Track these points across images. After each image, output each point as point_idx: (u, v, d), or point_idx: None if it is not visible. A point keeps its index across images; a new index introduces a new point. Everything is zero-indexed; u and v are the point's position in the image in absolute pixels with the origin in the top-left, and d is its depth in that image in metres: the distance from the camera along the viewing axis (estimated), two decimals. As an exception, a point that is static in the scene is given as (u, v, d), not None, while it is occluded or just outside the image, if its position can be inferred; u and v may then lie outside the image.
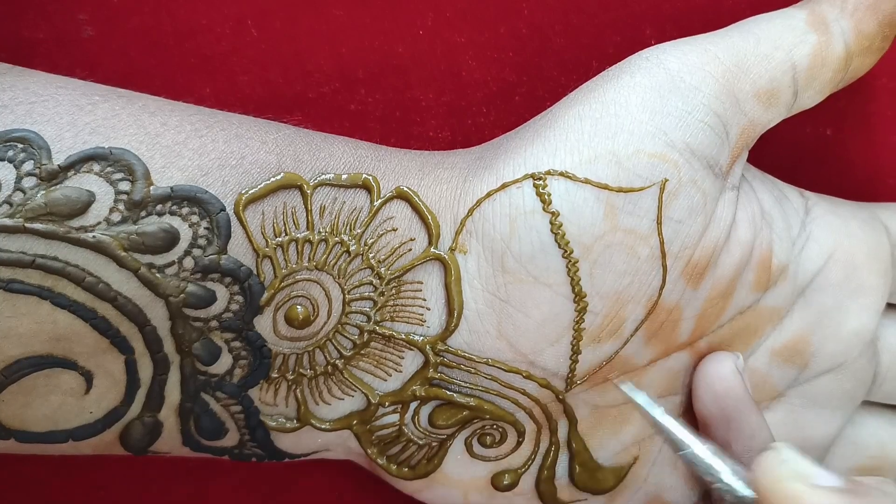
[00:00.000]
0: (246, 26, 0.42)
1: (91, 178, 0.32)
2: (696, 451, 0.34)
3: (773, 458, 0.32)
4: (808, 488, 0.31)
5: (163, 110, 0.35)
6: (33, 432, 0.34)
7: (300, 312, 0.35)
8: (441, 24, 0.42)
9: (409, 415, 0.37)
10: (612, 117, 0.35)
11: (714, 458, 0.34)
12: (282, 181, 0.35)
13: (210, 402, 0.36)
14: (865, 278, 0.41)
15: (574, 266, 0.35)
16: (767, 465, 0.32)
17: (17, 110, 0.33)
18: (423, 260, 0.36)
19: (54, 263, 0.32)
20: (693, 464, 0.34)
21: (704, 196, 0.36)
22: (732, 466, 0.34)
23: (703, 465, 0.34)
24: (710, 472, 0.34)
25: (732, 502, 0.33)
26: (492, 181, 0.36)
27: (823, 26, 0.38)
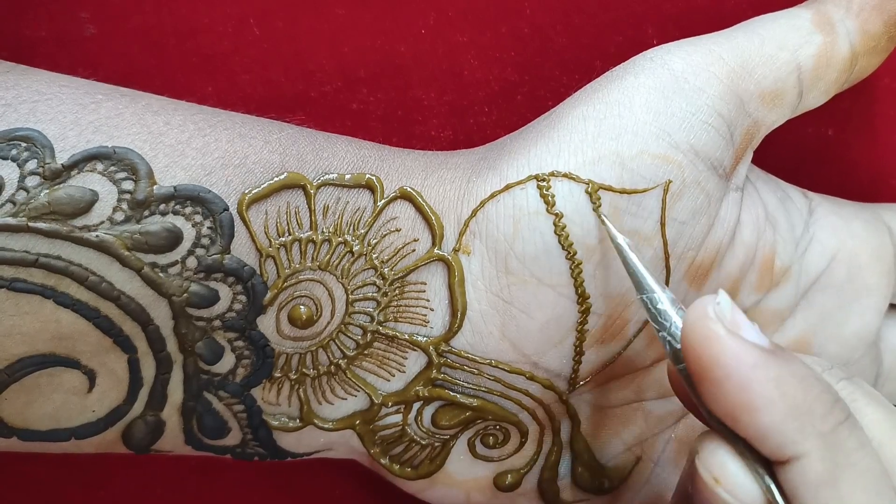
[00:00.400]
0: (248, 25, 0.42)
1: (94, 177, 0.32)
2: (656, 296, 0.33)
3: (707, 299, 0.31)
4: (727, 333, 0.30)
5: (166, 109, 0.35)
6: (36, 430, 0.34)
7: (303, 312, 0.35)
8: (443, 24, 0.42)
9: (413, 415, 0.37)
10: (615, 118, 0.35)
11: (669, 306, 0.33)
12: (285, 181, 0.34)
13: (213, 402, 0.36)
14: (868, 279, 0.41)
15: (577, 268, 0.35)
16: (698, 305, 0.31)
17: (20, 109, 0.33)
18: (427, 261, 0.36)
19: (57, 262, 0.32)
20: (647, 309, 0.33)
21: (708, 197, 0.36)
22: None
23: (655, 311, 0.33)
24: (658, 320, 0.33)
25: (671, 353, 0.33)
26: (495, 182, 0.36)
27: (829, 26, 0.37)
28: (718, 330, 0.30)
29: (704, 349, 0.30)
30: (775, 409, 0.29)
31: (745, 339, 0.30)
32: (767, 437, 0.29)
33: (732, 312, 0.31)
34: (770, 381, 0.30)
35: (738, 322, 0.31)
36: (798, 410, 0.29)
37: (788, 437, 0.29)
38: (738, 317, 0.31)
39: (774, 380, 0.30)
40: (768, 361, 0.30)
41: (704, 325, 0.30)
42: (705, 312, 0.30)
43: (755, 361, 0.30)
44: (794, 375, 0.30)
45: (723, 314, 0.30)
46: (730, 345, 0.30)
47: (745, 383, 0.30)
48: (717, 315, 0.30)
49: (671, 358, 0.33)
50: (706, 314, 0.30)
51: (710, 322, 0.30)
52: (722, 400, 0.30)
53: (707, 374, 0.30)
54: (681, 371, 0.32)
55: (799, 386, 0.30)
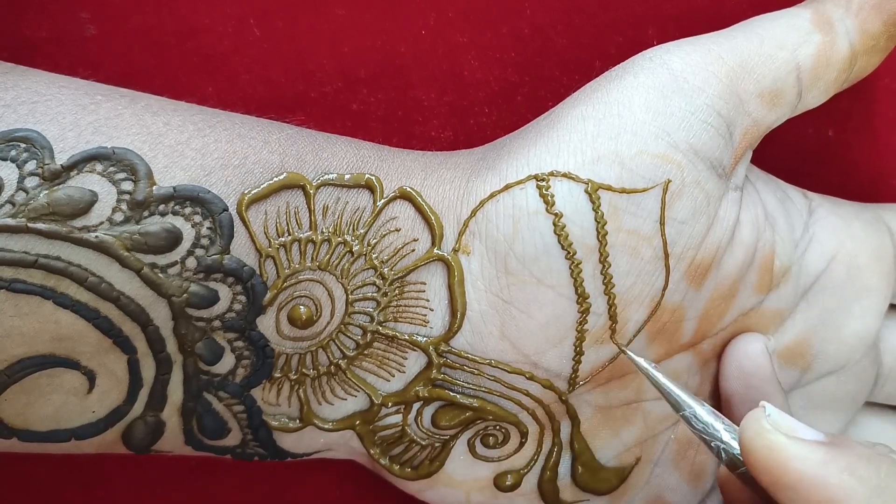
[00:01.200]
0: (248, 26, 0.42)
1: (94, 177, 0.32)
2: (696, 411, 0.35)
3: (757, 414, 0.32)
4: (788, 440, 0.31)
5: (165, 110, 0.35)
6: (36, 431, 0.34)
7: (303, 312, 0.35)
8: (443, 24, 0.42)
9: (412, 415, 0.37)
10: (615, 118, 0.35)
11: (712, 418, 0.35)
12: (285, 181, 0.34)
13: (213, 402, 0.36)
14: (868, 280, 0.41)
15: (577, 267, 0.35)
16: (752, 419, 0.32)
17: (19, 110, 0.33)
18: (427, 261, 0.36)
19: (57, 263, 0.32)
20: (692, 424, 0.35)
21: (708, 197, 0.36)
22: (728, 426, 0.34)
23: (702, 424, 0.34)
24: (707, 432, 0.34)
25: (727, 460, 0.34)
26: (495, 182, 0.36)
27: (828, 26, 0.37)
28: (779, 439, 0.31)
29: (771, 460, 0.31)
30: (857, 496, 0.30)
31: (805, 440, 0.31)
32: None
33: (783, 418, 0.32)
34: (843, 471, 0.31)
35: (793, 426, 0.32)
36: (878, 489, 0.30)
37: None
38: (790, 421, 0.32)
39: (846, 469, 0.31)
40: (834, 454, 0.31)
41: (764, 438, 0.32)
42: (762, 426, 0.32)
43: (823, 458, 0.31)
44: (861, 458, 0.31)
45: (777, 423, 0.32)
46: (794, 450, 0.31)
47: (822, 481, 0.31)
48: (773, 426, 0.32)
49: (727, 465, 0.34)
50: (763, 427, 0.32)
51: (769, 434, 0.32)
52: (801, 501, 0.31)
53: (780, 481, 0.31)
54: (742, 475, 0.34)
55: (869, 467, 0.31)
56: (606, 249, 0.35)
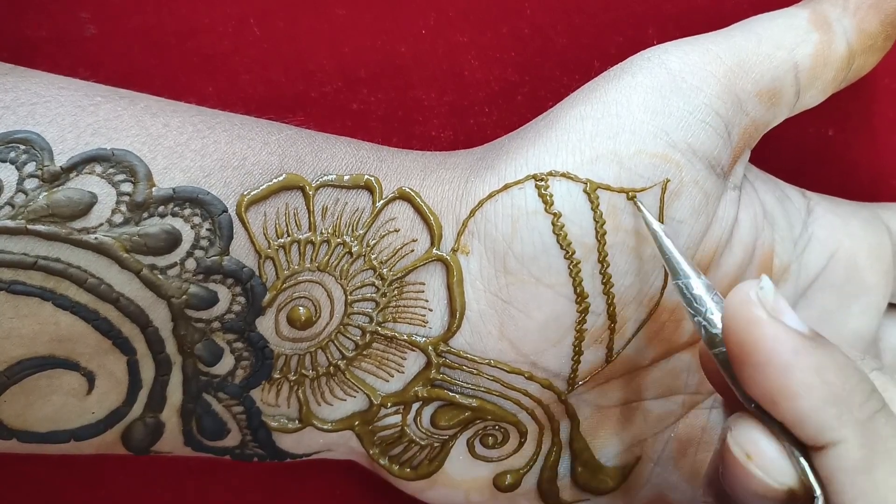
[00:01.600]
0: (248, 25, 0.42)
1: (93, 179, 0.32)
2: (691, 282, 0.34)
3: (750, 283, 0.31)
4: (769, 318, 0.30)
5: (165, 111, 0.35)
6: (35, 432, 0.34)
7: (302, 313, 0.35)
8: (443, 24, 0.42)
9: (412, 415, 0.37)
10: (613, 117, 0.35)
11: (704, 292, 0.33)
12: (284, 182, 0.35)
13: (212, 403, 0.36)
14: (867, 278, 0.41)
15: (576, 267, 0.35)
16: (741, 289, 0.31)
17: (19, 111, 0.33)
18: (426, 261, 0.36)
19: (56, 265, 0.32)
20: (682, 294, 0.34)
21: (706, 196, 0.36)
22: (719, 302, 0.33)
23: (690, 296, 0.33)
24: (694, 305, 0.33)
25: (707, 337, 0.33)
26: (494, 182, 0.36)
27: (826, 25, 0.37)
28: (761, 314, 0.30)
29: (746, 333, 0.30)
30: (815, 396, 0.30)
31: (786, 325, 0.31)
32: (805, 422, 0.30)
33: (775, 298, 0.31)
34: (810, 367, 0.30)
35: (780, 308, 0.31)
36: (837, 398, 0.30)
37: (826, 423, 0.30)
38: (780, 303, 0.31)
39: (815, 367, 0.30)
40: (809, 348, 0.30)
41: (747, 309, 0.31)
42: (748, 296, 0.31)
43: (796, 347, 0.30)
44: (834, 363, 0.30)
45: (765, 299, 0.31)
46: (772, 330, 0.30)
47: (786, 368, 0.30)
48: (759, 299, 0.31)
49: (706, 342, 0.33)
50: (749, 298, 0.31)
51: (753, 306, 0.31)
52: (762, 384, 0.30)
53: (748, 357, 0.30)
54: (717, 355, 0.32)
55: (838, 373, 0.30)
56: (605, 249, 0.35)
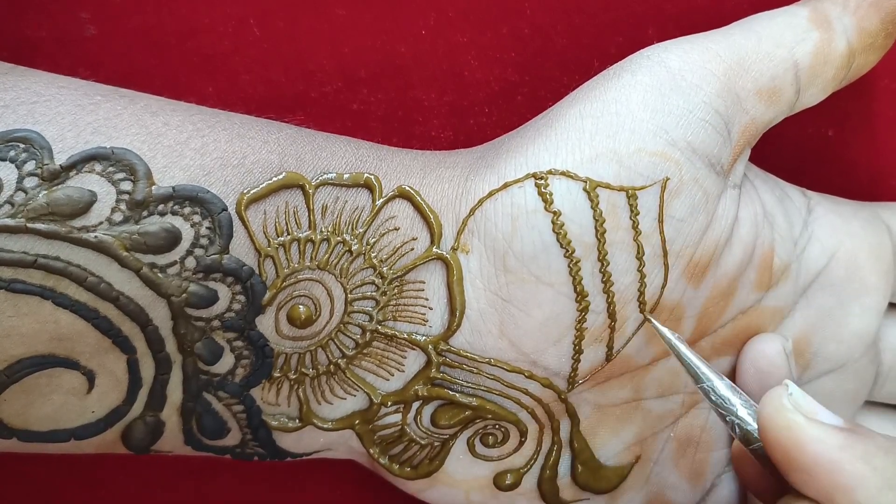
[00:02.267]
0: (248, 25, 0.42)
1: (93, 177, 0.33)
2: (714, 384, 0.35)
3: (779, 391, 0.32)
4: (806, 420, 0.31)
5: (164, 110, 0.35)
6: (35, 431, 0.34)
7: (302, 312, 0.35)
8: (443, 24, 0.42)
9: (412, 414, 0.37)
10: (613, 116, 0.35)
11: (730, 392, 0.35)
12: (284, 180, 0.35)
13: (212, 402, 0.36)
14: (867, 278, 0.41)
15: (576, 266, 0.35)
16: (773, 397, 0.32)
17: (18, 110, 0.33)
18: (426, 259, 0.36)
19: (56, 263, 0.32)
20: (710, 397, 0.35)
21: (706, 194, 0.36)
22: (745, 402, 0.35)
23: (719, 398, 0.35)
24: (724, 406, 0.35)
25: (741, 435, 0.34)
26: (493, 180, 0.36)
27: (826, 24, 0.37)
28: (798, 419, 0.32)
29: (788, 439, 0.32)
30: (870, 485, 0.30)
31: (825, 424, 0.32)
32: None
33: (805, 399, 0.32)
34: (858, 458, 0.31)
35: (814, 408, 0.32)
36: (893, 481, 0.31)
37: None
38: (811, 403, 0.32)
39: (862, 457, 0.31)
40: (852, 441, 0.31)
41: (783, 416, 0.32)
42: (782, 404, 0.32)
43: (841, 443, 0.31)
44: (879, 448, 0.31)
45: (798, 403, 0.32)
46: (812, 432, 0.31)
47: (836, 465, 0.31)
48: (793, 405, 0.32)
49: (742, 440, 0.34)
50: (783, 405, 0.32)
51: (789, 413, 0.32)
52: (814, 484, 0.31)
53: (795, 461, 0.31)
54: (756, 450, 0.34)
55: (886, 458, 0.31)
56: (605, 247, 0.35)
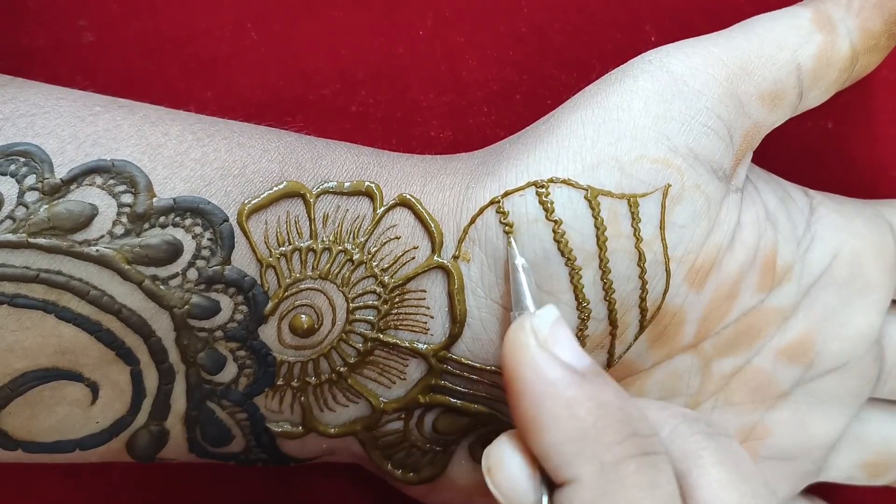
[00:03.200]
0: (245, 30, 0.42)
1: (93, 191, 0.33)
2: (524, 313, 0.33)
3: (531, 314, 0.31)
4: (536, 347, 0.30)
5: (164, 120, 0.35)
6: (40, 443, 0.35)
7: (304, 321, 0.35)
8: (441, 25, 0.42)
9: (413, 421, 0.37)
10: (614, 123, 0.35)
11: None
12: (285, 190, 0.35)
13: (216, 410, 0.36)
14: (871, 277, 0.41)
15: (577, 274, 0.35)
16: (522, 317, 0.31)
17: (18, 123, 0.33)
18: (427, 268, 0.36)
19: (58, 277, 0.32)
20: None
21: (708, 200, 0.36)
22: None
23: None
24: None
25: None
26: (494, 188, 0.36)
27: (829, 26, 0.37)
28: (528, 341, 0.30)
29: (512, 359, 0.31)
30: (560, 430, 0.29)
31: (553, 356, 0.30)
32: (548, 455, 0.30)
33: (553, 327, 0.31)
34: (563, 400, 0.30)
35: (556, 337, 0.31)
36: (583, 435, 0.29)
37: (565, 459, 0.29)
38: (558, 332, 0.31)
39: (568, 400, 0.30)
40: (570, 381, 0.30)
41: (517, 336, 0.31)
42: (521, 323, 0.31)
43: (555, 379, 0.30)
44: (592, 399, 0.30)
45: (538, 327, 0.31)
46: (535, 359, 0.30)
47: (539, 399, 0.30)
48: (532, 328, 0.31)
49: None
50: (521, 325, 0.31)
51: (522, 333, 0.31)
52: (518, 412, 0.30)
53: (510, 385, 0.31)
54: None
55: (592, 411, 0.30)
56: (606, 255, 0.35)
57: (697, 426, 0.32)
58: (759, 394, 0.40)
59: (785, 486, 0.42)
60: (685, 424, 0.32)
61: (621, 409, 0.30)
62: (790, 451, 0.41)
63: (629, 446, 0.30)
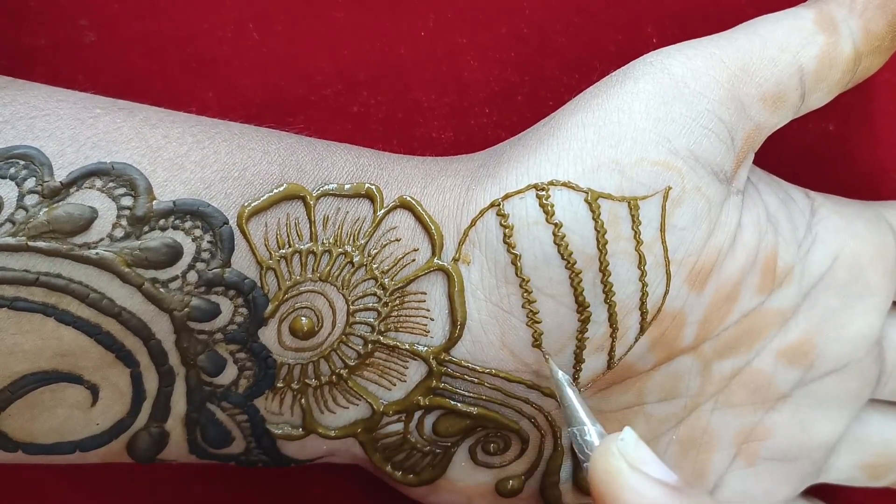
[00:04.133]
0: (247, 30, 0.42)
1: (93, 193, 0.33)
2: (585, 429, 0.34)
3: (613, 437, 0.31)
4: (629, 469, 0.31)
5: (164, 122, 0.35)
6: (40, 444, 0.35)
7: (304, 324, 0.35)
8: (442, 25, 0.42)
9: (414, 423, 0.37)
10: (615, 125, 0.35)
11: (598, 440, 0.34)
12: (285, 192, 0.35)
13: (216, 412, 0.36)
14: (871, 279, 0.41)
15: (577, 277, 0.35)
16: (606, 441, 0.31)
17: (18, 125, 0.33)
18: (427, 270, 0.36)
19: (58, 281, 0.32)
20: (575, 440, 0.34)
21: (709, 203, 0.36)
22: None
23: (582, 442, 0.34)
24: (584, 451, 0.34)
25: None
26: (495, 190, 0.36)
27: (832, 27, 0.37)
28: (620, 465, 0.31)
29: (607, 485, 0.31)
30: None
31: (647, 475, 0.31)
32: None
33: (636, 448, 0.31)
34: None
35: (643, 458, 0.31)
36: None
37: None
38: (642, 452, 0.31)
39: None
40: (670, 498, 0.30)
41: (606, 461, 0.31)
42: (608, 448, 0.31)
43: (656, 498, 0.30)
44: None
45: (625, 450, 0.31)
46: (631, 481, 0.30)
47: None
48: (619, 451, 0.31)
49: None
50: (609, 450, 0.31)
51: (612, 458, 0.31)
52: None
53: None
54: None
55: None
56: (607, 258, 0.35)
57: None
58: (759, 395, 0.40)
59: (785, 488, 0.42)
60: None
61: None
62: (790, 452, 0.41)
63: None
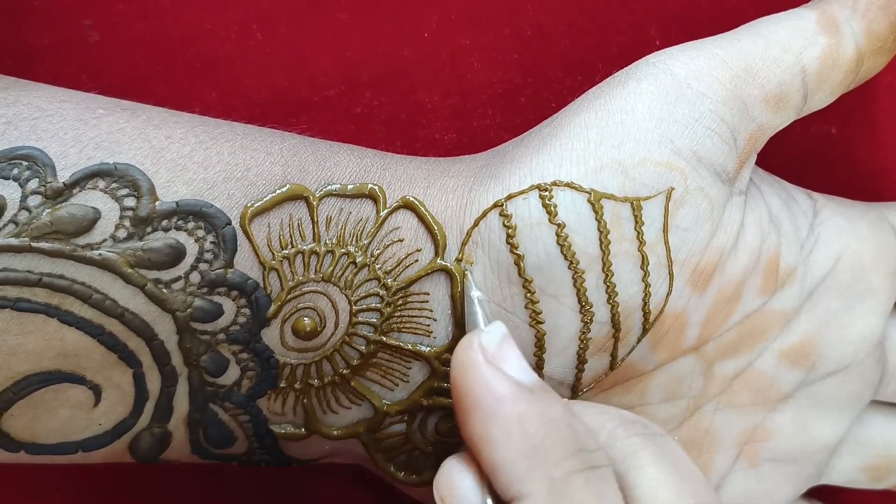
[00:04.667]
0: (251, 30, 0.42)
1: (96, 194, 0.33)
2: None
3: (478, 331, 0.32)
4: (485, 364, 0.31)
5: (167, 122, 0.35)
6: (43, 444, 0.35)
7: (307, 324, 0.35)
8: (446, 27, 0.42)
9: (416, 423, 0.37)
10: (618, 125, 0.35)
11: None
12: (288, 193, 0.35)
13: (218, 413, 0.36)
14: (873, 280, 0.41)
15: (580, 277, 0.35)
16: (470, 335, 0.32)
17: (21, 126, 0.33)
18: (430, 271, 0.36)
19: (61, 281, 0.32)
20: None
21: (711, 203, 0.36)
22: None
23: None
24: None
25: None
26: (497, 191, 0.36)
27: (834, 27, 0.37)
28: (477, 358, 0.31)
29: (461, 376, 0.31)
30: (510, 446, 0.30)
31: (502, 372, 0.31)
32: (499, 472, 0.30)
33: (500, 345, 0.32)
34: (513, 416, 0.30)
35: (503, 355, 0.31)
36: (533, 451, 0.30)
37: (516, 475, 0.30)
38: (505, 350, 0.32)
39: (518, 416, 0.30)
40: (519, 397, 0.30)
41: (465, 353, 0.31)
42: (470, 341, 0.31)
43: (505, 395, 0.30)
44: (541, 416, 0.30)
45: (487, 344, 0.31)
46: (484, 375, 0.31)
47: (490, 415, 0.30)
48: (480, 345, 0.31)
49: None
50: (470, 343, 0.31)
51: (471, 350, 0.31)
52: (468, 428, 0.31)
53: (459, 402, 0.31)
54: None
55: (542, 427, 0.30)
56: (609, 259, 0.35)
57: (634, 428, 0.33)
58: (761, 396, 0.40)
59: (787, 489, 0.42)
60: (622, 427, 0.33)
61: (569, 424, 0.31)
62: (792, 453, 0.41)
63: (577, 461, 0.30)
